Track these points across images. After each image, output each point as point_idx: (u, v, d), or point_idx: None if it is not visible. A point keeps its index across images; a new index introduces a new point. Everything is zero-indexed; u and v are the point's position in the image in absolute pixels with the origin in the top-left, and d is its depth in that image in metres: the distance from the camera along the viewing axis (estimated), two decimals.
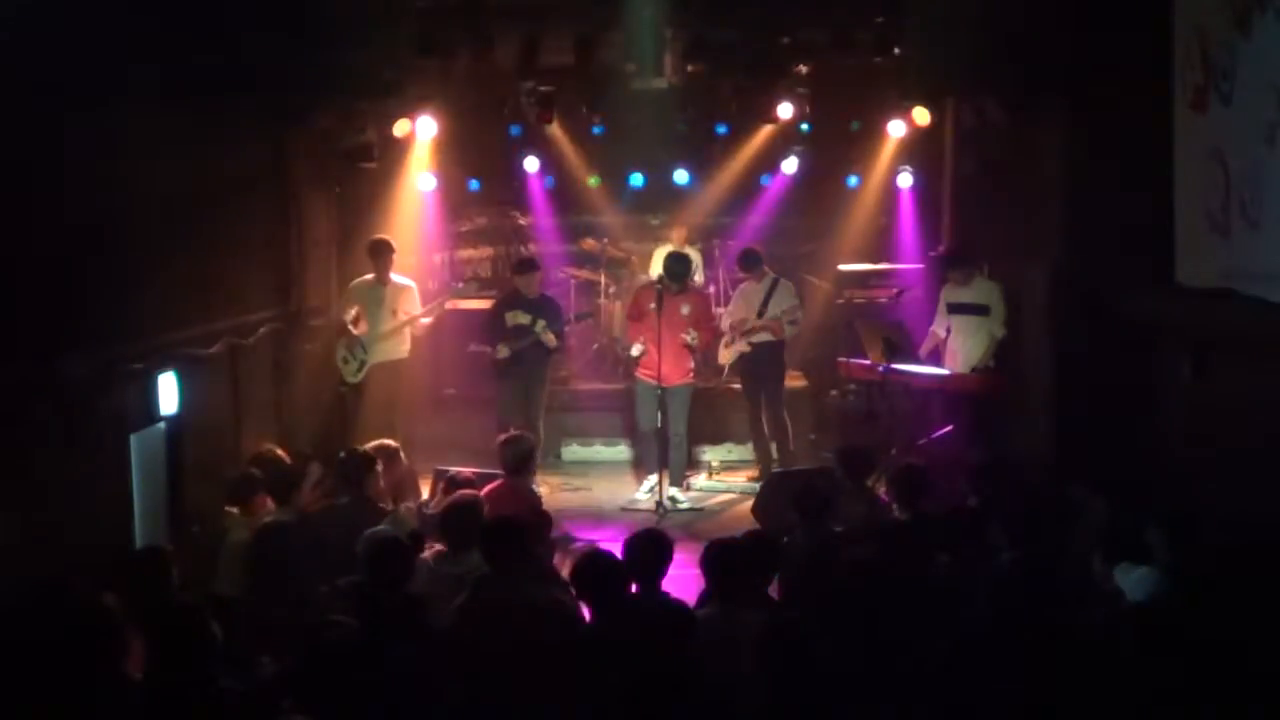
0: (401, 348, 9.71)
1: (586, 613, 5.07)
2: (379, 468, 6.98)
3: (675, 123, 11.36)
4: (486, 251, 12.35)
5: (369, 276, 9.67)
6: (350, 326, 9.55)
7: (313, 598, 5.49)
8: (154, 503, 7.19)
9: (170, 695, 4.17)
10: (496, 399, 9.69)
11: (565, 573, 5.45)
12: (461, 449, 9.38)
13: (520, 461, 7.24)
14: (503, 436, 7.55)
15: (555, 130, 11.37)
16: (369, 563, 5.27)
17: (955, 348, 9.45)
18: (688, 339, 9.34)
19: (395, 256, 9.66)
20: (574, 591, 5.06)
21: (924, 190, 11.20)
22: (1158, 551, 5.26)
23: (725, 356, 10.24)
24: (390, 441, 7.71)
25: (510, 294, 9.76)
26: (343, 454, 7.10)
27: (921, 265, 11.00)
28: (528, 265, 9.88)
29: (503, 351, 9.48)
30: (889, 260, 11.28)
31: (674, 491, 9.48)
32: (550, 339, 9.51)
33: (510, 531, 5.42)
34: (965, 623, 4.62)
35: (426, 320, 9.73)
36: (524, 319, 9.53)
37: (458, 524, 5.84)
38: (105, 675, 4.25)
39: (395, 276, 9.68)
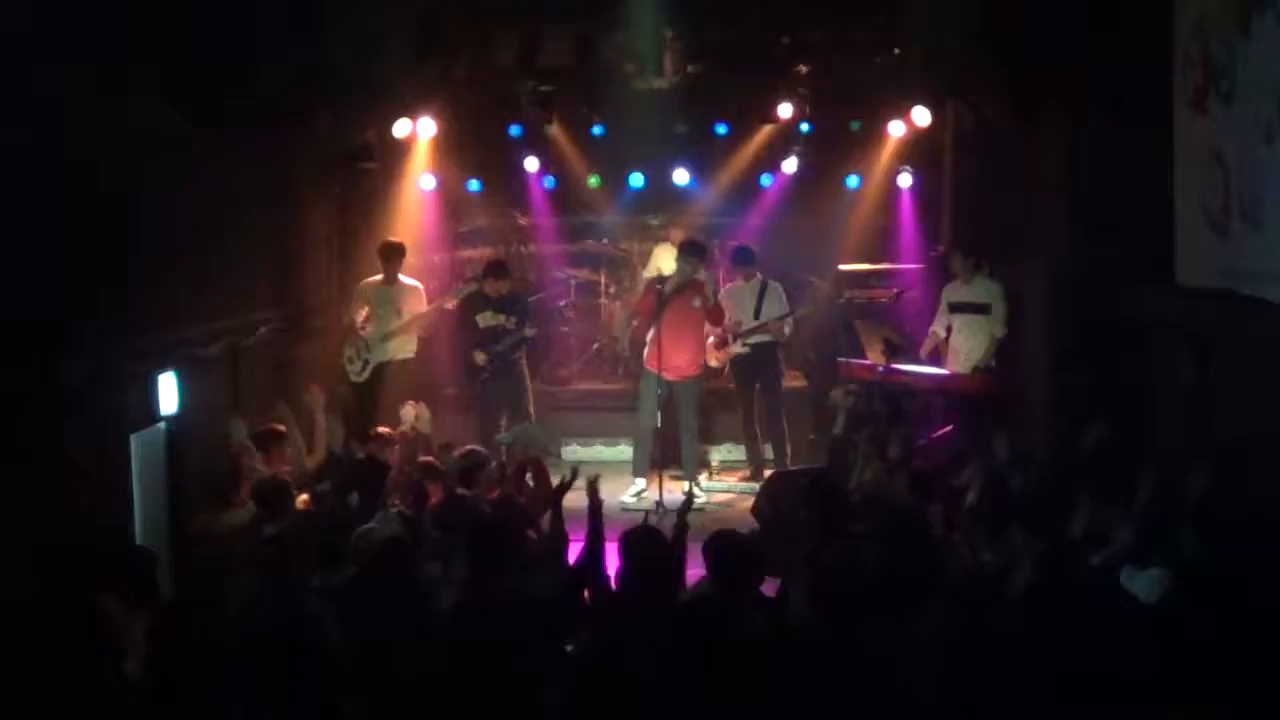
0: (407, 348, 9.73)
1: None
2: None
3: (675, 123, 11.35)
4: (486, 251, 12.33)
5: (377, 277, 9.70)
6: (358, 326, 9.59)
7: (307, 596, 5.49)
8: (154, 503, 7.19)
9: (168, 696, 4.17)
10: (479, 403, 9.74)
11: None
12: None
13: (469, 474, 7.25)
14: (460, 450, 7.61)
15: (555, 130, 11.36)
16: (369, 562, 5.27)
17: (956, 347, 9.45)
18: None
19: (404, 259, 9.72)
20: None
21: (924, 190, 11.20)
22: (1188, 547, 5.26)
23: (719, 358, 10.24)
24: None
25: (476, 296, 9.75)
26: (360, 457, 7.14)
27: (921, 265, 11.00)
28: (499, 269, 9.89)
29: (480, 358, 9.53)
30: (889, 260, 11.28)
31: (687, 486, 9.54)
32: (531, 332, 9.66)
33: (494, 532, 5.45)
34: (980, 622, 4.61)
35: (428, 320, 9.75)
36: (498, 319, 9.58)
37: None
38: (104, 675, 4.25)
39: (402, 278, 9.72)
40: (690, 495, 9.33)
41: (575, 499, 9.52)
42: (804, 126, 11.31)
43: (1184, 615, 4.65)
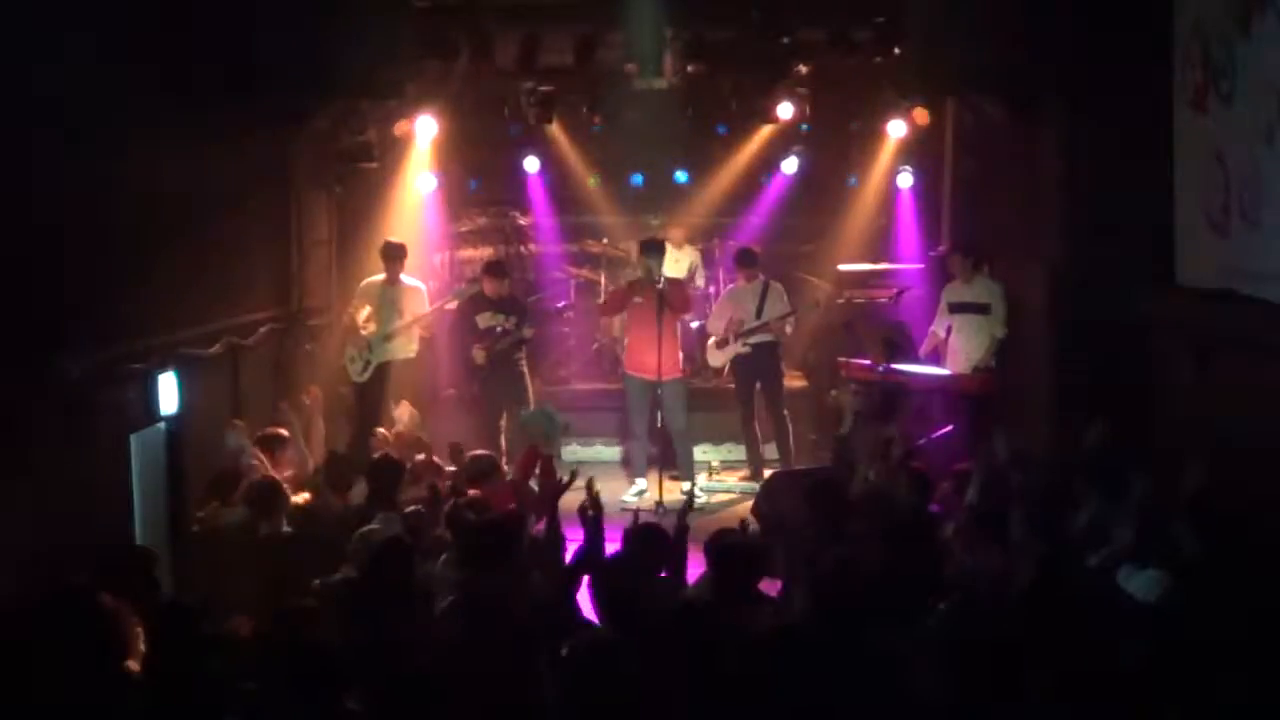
0: (408, 348, 9.74)
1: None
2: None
3: (675, 123, 11.36)
4: (486, 251, 12.33)
5: (380, 277, 9.71)
6: (360, 326, 9.59)
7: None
8: (154, 503, 7.19)
9: (168, 695, 4.17)
10: (480, 403, 9.73)
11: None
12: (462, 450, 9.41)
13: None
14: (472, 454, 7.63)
15: (555, 130, 11.37)
16: (370, 563, 5.27)
17: (956, 347, 9.45)
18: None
19: (406, 259, 9.73)
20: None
21: (924, 190, 11.20)
22: (1185, 546, 5.26)
23: (719, 359, 10.24)
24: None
25: (477, 297, 9.76)
26: (377, 458, 7.16)
27: (921, 265, 11.00)
28: (497, 269, 9.89)
29: (480, 357, 9.55)
30: (889, 260, 11.28)
31: (687, 486, 9.52)
32: (529, 332, 9.70)
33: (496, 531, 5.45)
34: (980, 623, 4.60)
35: (429, 321, 9.76)
36: (497, 319, 9.60)
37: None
38: (104, 675, 4.25)
39: (405, 278, 9.72)
40: (691, 496, 9.32)
41: (574, 499, 9.53)
42: (804, 126, 11.32)
43: (1182, 615, 4.65)
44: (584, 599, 5.20)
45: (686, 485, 9.63)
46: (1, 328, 5.66)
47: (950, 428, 9.24)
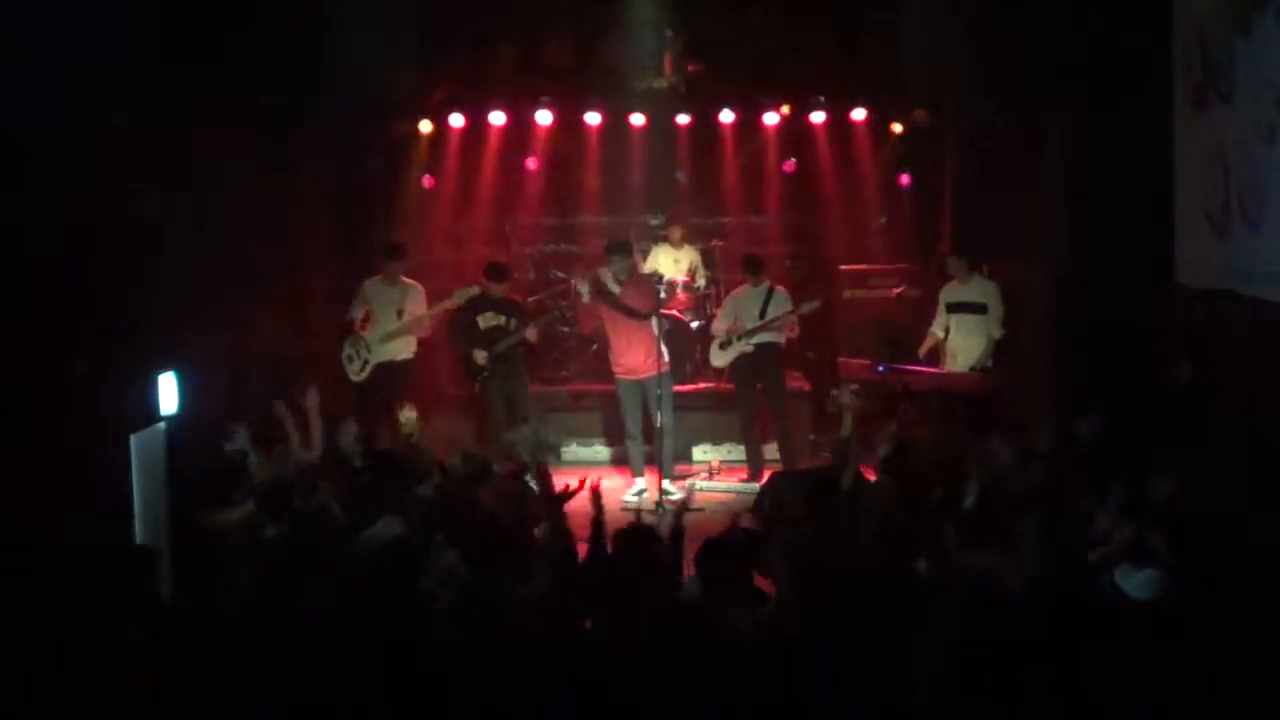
0: (407, 349, 9.74)
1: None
2: None
3: (675, 122, 11.36)
4: (486, 252, 12.32)
5: (378, 276, 9.71)
6: (357, 326, 9.59)
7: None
8: (154, 503, 7.18)
9: (168, 696, 4.17)
10: (480, 403, 9.74)
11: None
12: (459, 449, 9.40)
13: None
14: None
15: (555, 129, 11.37)
16: (375, 566, 5.27)
17: (954, 347, 9.46)
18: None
19: (406, 259, 9.73)
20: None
21: (924, 190, 11.20)
22: (1159, 552, 5.26)
23: (721, 359, 10.23)
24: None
25: (478, 297, 9.76)
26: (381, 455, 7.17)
27: (920, 265, 11.01)
28: (500, 270, 9.89)
29: (481, 357, 9.55)
30: (889, 260, 11.29)
31: (666, 484, 9.46)
32: (533, 334, 9.67)
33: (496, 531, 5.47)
34: (977, 623, 4.61)
35: (429, 321, 9.76)
36: (498, 320, 9.61)
37: None
38: (104, 675, 4.26)
39: (404, 278, 9.72)
40: (691, 493, 9.28)
41: (581, 501, 9.54)
42: (804, 126, 11.32)
43: (1179, 614, 4.65)
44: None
45: (664, 483, 9.46)
46: (2, 328, 5.66)
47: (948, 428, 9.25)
